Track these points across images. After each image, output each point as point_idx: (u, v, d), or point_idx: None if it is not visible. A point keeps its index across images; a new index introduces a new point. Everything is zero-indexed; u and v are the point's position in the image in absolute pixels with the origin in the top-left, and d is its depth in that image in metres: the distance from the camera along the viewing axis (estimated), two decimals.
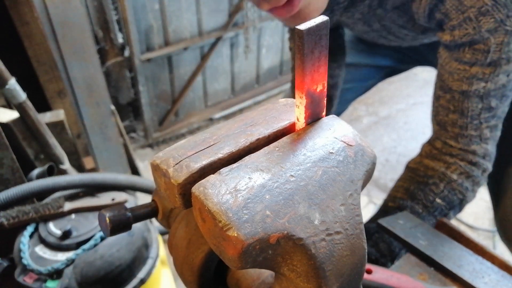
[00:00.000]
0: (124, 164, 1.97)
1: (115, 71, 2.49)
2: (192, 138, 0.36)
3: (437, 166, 0.82)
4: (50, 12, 1.42)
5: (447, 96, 0.78)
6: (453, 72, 0.75)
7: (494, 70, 0.71)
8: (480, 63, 0.71)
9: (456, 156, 0.80)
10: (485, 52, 0.69)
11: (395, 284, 0.58)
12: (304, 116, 0.35)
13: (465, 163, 0.80)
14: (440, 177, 0.81)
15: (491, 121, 0.77)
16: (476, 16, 0.66)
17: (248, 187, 0.30)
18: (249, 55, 2.99)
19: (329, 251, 0.31)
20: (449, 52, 0.74)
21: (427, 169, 0.83)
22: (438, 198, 0.80)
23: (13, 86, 1.14)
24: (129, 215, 0.44)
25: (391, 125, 2.85)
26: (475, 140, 0.78)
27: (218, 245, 0.30)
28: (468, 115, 0.76)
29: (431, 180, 0.81)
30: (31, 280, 0.91)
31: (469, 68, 0.72)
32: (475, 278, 0.62)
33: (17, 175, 1.09)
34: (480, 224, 2.14)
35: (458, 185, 0.80)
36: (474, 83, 0.73)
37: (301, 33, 0.30)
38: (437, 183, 0.80)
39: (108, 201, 1.04)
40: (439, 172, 0.81)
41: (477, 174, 0.80)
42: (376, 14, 0.85)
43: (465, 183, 0.80)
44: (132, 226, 0.45)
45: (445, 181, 0.80)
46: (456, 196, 0.80)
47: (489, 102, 0.74)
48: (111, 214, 0.43)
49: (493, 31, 0.67)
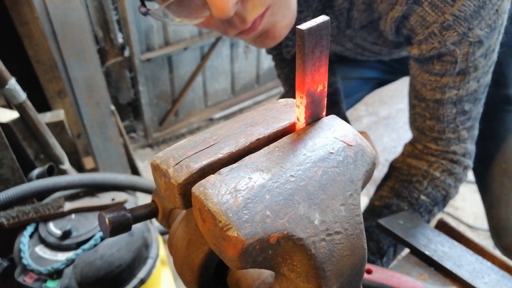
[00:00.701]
0: (124, 164, 1.97)
1: (115, 71, 2.49)
2: (192, 138, 0.36)
3: (419, 164, 0.84)
4: (50, 12, 1.42)
5: (422, 105, 0.80)
6: (426, 83, 0.77)
7: (464, 78, 0.73)
8: (450, 73, 0.73)
9: (437, 156, 0.83)
10: (453, 63, 0.72)
11: (395, 284, 0.58)
12: (304, 116, 0.35)
13: (447, 161, 0.82)
14: (423, 175, 0.83)
15: (467, 123, 0.79)
16: (440, 31, 0.68)
17: (248, 187, 0.30)
18: (249, 55, 2.99)
19: (329, 251, 0.31)
20: (419, 64, 0.76)
21: (410, 167, 0.85)
22: (422, 195, 0.82)
23: (13, 86, 1.14)
24: (129, 216, 0.44)
25: (391, 125, 2.85)
26: (453, 141, 0.81)
27: (218, 245, 0.30)
28: (444, 120, 0.79)
29: (415, 178, 0.83)
30: (31, 280, 0.91)
31: (440, 78, 0.75)
32: (475, 278, 0.62)
33: (17, 175, 1.09)
34: (480, 224, 2.14)
35: (441, 182, 0.82)
36: (447, 91, 0.75)
37: (302, 33, 0.30)
38: (421, 180, 0.83)
39: (108, 201, 1.04)
40: (422, 170, 0.83)
41: (458, 171, 0.83)
42: (346, 35, 0.87)
43: (448, 180, 0.82)
44: (132, 227, 0.45)
45: (428, 179, 0.82)
46: (439, 193, 0.83)
47: (462, 106, 0.77)
48: (110, 215, 0.43)
49: (457, 43, 0.69)
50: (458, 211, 2.23)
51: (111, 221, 0.43)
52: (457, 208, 2.25)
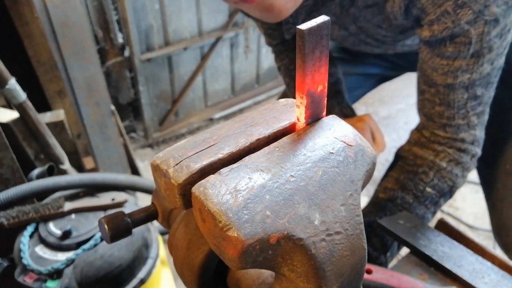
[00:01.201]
0: (124, 164, 1.97)
1: (115, 71, 2.49)
2: (192, 138, 0.36)
3: (425, 154, 0.81)
4: (50, 12, 1.42)
5: (432, 90, 0.77)
6: (437, 67, 0.74)
7: (477, 61, 0.70)
8: (463, 56, 0.70)
9: (444, 144, 0.80)
10: (467, 44, 0.68)
11: (395, 284, 0.58)
12: (304, 116, 0.35)
13: (454, 150, 0.80)
14: (429, 165, 0.80)
15: (477, 108, 0.77)
16: (454, 9, 0.65)
17: (248, 187, 0.30)
18: (249, 55, 2.99)
19: (329, 251, 0.31)
20: (430, 48, 0.73)
21: (416, 157, 0.83)
22: (428, 187, 0.80)
23: (13, 86, 1.14)
24: (128, 220, 0.45)
25: (391, 125, 2.85)
26: (463, 128, 0.78)
27: (218, 245, 0.30)
28: (454, 106, 0.76)
29: (421, 169, 0.81)
30: (31, 280, 0.91)
31: (452, 62, 0.71)
32: (475, 278, 0.62)
33: (17, 175, 1.09)
34: (480, 224, 2.14)
35: (447, 172, 0.80)
36: (459, 75, 0.72)
37: (302, 33, 0.30)
38: (427, 171, 0.80)
39: (108, 201, 1.04)
40: (428, 160, 0.81)
41: (466, 160, 0.80)
42: (349, 14, 0.84)
43: (455, 170, 0.80)
44: (132, 231, 0.46)
45: (435, 169, 0.80)
46: (446, 184, 0.80)
47: (474, 91, 0.74)
48: (110, 221, 0.44)
49: (472, 22, 0.66)
50: (458, 211, 2.23)
51: (111, 227, 0.43)
52: (457, 208, 2.25)
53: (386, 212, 0.80)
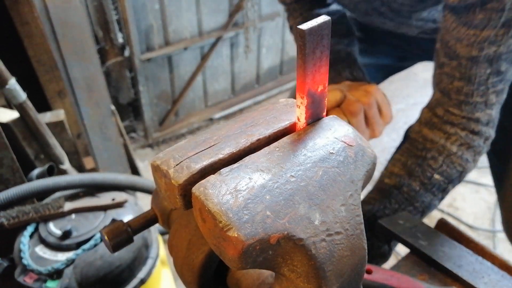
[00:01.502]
0: (124, 164, 1.97)
1: (115, 71, 2.49)
2: (192, 138, 0.36)
3: (436, 137, 0.77)
4: (50, 12, 1.42)
5: (453, 63, 0.72)
6: (462, 37, 0.68)
7: (507, 31, 0.65)
8: (493, 25, 0.64)
9: (457, 125, 0.76)
10: (499, 11, 0.62)
11: (396, 284, 0.58)
12: (304, 116, 0.35)
13: (467, 132, 0.75)
14: (439, 150, 0.76)
15: (498, 85, 0.72)
16: None
17: (248, 187, 0.30)
18: (249, 55, 2.99)
19: (330, 252, 0.31)
20: (456, 15, 0.68)
21: (426, 140, 0.78)
22: (436, 173, 0.76)
23: (13, 86, 1.14)
24: (129, 229, 0.46)
25: (391, 125, 2.85)
26: (479, 106, 0.73)
27: (218, 245, 0.30)
28: (475, 81, 0.71)
29: (430, 154, 0.77)
30: (31, 280, 0.91)
31: (479, 32, 0.66)
32: (475, 278, 0.62)
33: (17, 175, 1.09)
34: (480, 224, 2.14)
35: (457, 157, 0.76)
36: (485, 47, 0.67)
37: (303, 33, 0.30)
38: (436, 157, 0.77)
39: (108, 201, 1.04)
40: (438, 145, 0.77)
41: (478, 144, 0.76)
42: None
43: (465, 155, 0.76)
44: (133, 238, 0.46)
45: (444, 154, 0.76)
46: (455, 169, 0.77)
47: (498, 66, 0.69)
48: (110, 232, 0.45)
49: None
50: (458, 211, 2.23)
51: (111, 238, 0.44)
52: (457, 208, 2.25)
53: (391, 200, 0.78)
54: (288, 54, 3.27)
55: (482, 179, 2.39)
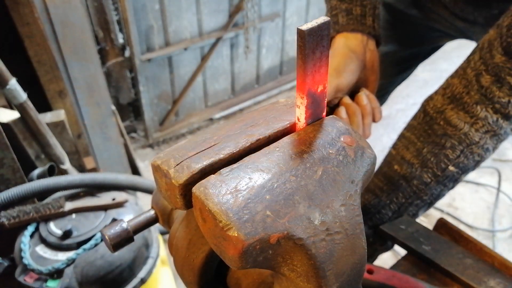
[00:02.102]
0: (124, 164, 1.97)
1: (116, 71, 2.49)
2: (192, 138, 0.36)
3: (461, 123, 0.68)
4: (50, 12, 1.42)
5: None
6: None
7: None
8: None
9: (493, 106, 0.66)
10: None
11: (396, 284, 0.58)
12: (304, 116, 0.35)
13: (498, 116, 0.66)
14: (460, 138, 0.69)
15: None
16: None
17: (248, 187, 0.30)
18: (249, 55, 2.99)
19: (329, 251, 0.31)
20: None
21: (448, 125, 0.70)
22: (452, 165, 0.70)
23: (13, 86, 1.14)
24: (129, 229, 0.46)
25: (391, 125, 2.85)
26: None
27: (218, 245, 0.30)
28: None
29: (449, 142, 0.69)
30: (32, 279, 0.91)
31: None
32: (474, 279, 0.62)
33: (18, 175, 1.09)
34: (479, 224, 2.14)
35: (479, 147, 0.69)
36: None
37: (303, 33, 0.30)
38: (455, 146, 0.69)
39: (109, 201, 1.04)
40: (461, 133, 0.69)
41: (505, 131, 0.69)
42: None
43: (487, 144, 0.69)
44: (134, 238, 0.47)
45: (465, 144, 0.69)
46: (473, 160, 0.70)
47: None
48: (110, 232, 0.45)
49: None
50: (457, 210, 2.23)
51: (111, 238, 0.45)
52: (456, 208, 2.25)
53: (399, 195, 0.74)
54: (288, 54, 3.27)
55: (482, 179, 2.39)
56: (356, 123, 0.75)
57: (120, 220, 0.46)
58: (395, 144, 0.79)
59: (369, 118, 0.77)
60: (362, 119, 0.76)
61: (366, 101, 0.77)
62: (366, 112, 0.76)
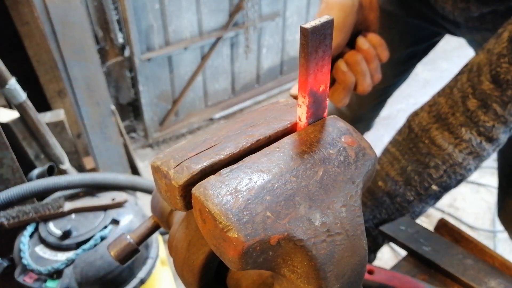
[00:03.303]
0: (124, 164, 1.97)
1: (115, 71, 2.49)
2: (192, 139, 0.36)
3: (445, 143, 0.69)
4: (50, 12, 1.42)
5: None
6: None
7: None
8: None
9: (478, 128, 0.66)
10: None
11: (397, 285, 0.58)
12: (306, 116, 0.35)
13: (482, 139, 0.67)
14: (444, 159, 0.70)
15: None
16: None
17: (248, 188, 0.30)
18: (250, 55, 2.99)
19: (330, 252, 0.31)
20: None
21: (432, 144, 0.71)
22: (434, 184, 0.72)
23: (13, 86, 1.14)
24: (132, 242, 0.48)
25: (391, 125, 2.85)
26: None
27: (218, 246, 0.30)
28: None
29: (433, 161, 0.71)
30: (31, 280, 0.91)
31: None
32: (475, 279, 0.62)
33: (17, 175, 1.09)
34: (480, 224, 2.14)
35: (461, 168, 0.70)
36: None
37: (306, 31, 0.30)
38: (439, 166, 0.70)
39: (108, 201, 1.04)
40: (445, 153, 0.70)
41: (488, 153, 0.70)
42: None
43: (470, 165, 0.70)
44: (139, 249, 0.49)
45: (448, 164, 0.70)
46: (455, 179, 0.72)
47: None
48: (115, 250, 0.47)
49: None
50: (458, 211, 2.23)
51: (117, 255, 0.47)
52: (457, 208, 2.25)
53: (382, 211, 0.76)
54: (288, 54, 3.27)
55: (483, 179, 2.39)
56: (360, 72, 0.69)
57: (123, 235, 0.47)
58: (379, 159, 0.78)
59: (374, 61, 0.71)
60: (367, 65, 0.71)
61: (367, 45, 0.70)
62: (370, 57, 0.70)
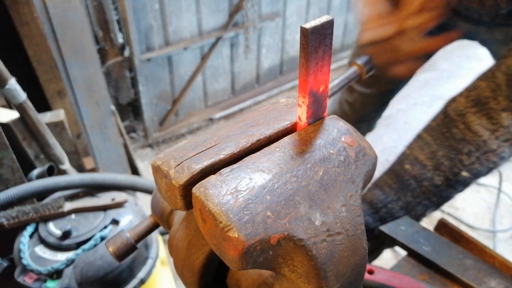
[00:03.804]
0: (124, 164, 1.96)
1: (115, 71, 2.49)
2: (193, 139, 0.36)
3: (481, 129, 0.65)
4: (50, 12, 1.42)
5: None
6: None
7: None
8: None
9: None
10: None
11: (397, 285, 0.58)
12: (306, 116, 0.35)
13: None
14: (478, 145, 0.66)
15: None
16: None
17: (249, 187, 0.30)
18: (249, 55, 2.98)
19: (330, 252, 0.31)
20: None
21: (468, 130, 0.67)
22: (465, 170, 0.68)
23: (13, 86, 1.14)
24: (131, 240, 0.48)
25: (391, 125, 2.84)
26: None
27: (218, 245, 0.30)
28: None
29: (467, 148, 0.67)
30: (31, 280, 0.91)
31: None
32: (475, 280, 0.62)
33: (17, 175, 1.09)
34: (480, 224, 2.14)
35: (495, 155, 0.67)
36: None
37: (306, 31, 0.30)
38: (472, 152, 0.67)
39: (108, 201, 1.04)
40: (480, 140, 0.66)
41: None
42: None
43: (505, 152, 0.67)
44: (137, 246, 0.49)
45: (482, 151, 0.67)
46: (487, 167, 0.68)
47: None
48: (113, 246, 0.47)
49: None
50: (458, 211, 2.23)
51: (115, 251, 0.46)
52: (457, 208, 2.25)
53: (407, 194, 0.72)
54: (288, 54, 3.27)
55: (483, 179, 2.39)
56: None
57: (122, 232, 0.47)
58: (410, 144, 0.76)
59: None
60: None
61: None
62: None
